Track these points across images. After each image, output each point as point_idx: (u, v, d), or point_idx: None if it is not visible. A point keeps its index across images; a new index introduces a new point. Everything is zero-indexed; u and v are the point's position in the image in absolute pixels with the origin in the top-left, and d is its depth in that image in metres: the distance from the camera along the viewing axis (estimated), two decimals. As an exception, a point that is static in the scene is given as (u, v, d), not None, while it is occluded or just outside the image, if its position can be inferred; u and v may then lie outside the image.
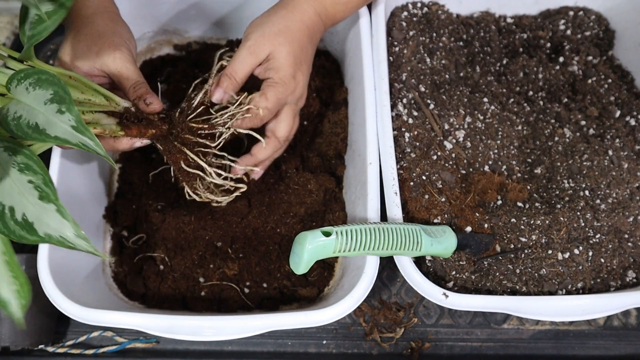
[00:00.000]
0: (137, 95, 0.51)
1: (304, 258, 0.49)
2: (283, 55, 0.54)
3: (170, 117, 0.53)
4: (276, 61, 0.54)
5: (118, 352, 0.64)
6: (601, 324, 0.69)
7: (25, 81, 0.39)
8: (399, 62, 0.70)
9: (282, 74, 0.55)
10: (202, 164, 0.53)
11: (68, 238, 0.38)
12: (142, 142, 0.53)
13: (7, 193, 0.38)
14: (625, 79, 0.77)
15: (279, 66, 0.54)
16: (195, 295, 0.63)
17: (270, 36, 0.54)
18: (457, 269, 0.58)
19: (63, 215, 0.38)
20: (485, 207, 0.62)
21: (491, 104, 0.69)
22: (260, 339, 0.65)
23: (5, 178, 0.39)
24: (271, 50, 0.54)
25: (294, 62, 0.55)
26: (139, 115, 0.52)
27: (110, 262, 0.65)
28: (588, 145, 0.67)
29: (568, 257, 0.59)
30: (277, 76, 0.54)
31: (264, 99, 0.54)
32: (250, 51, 0.54)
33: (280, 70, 0.54)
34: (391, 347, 0.66)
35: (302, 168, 0.69)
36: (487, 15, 0.79)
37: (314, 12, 0.58)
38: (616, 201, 0.63)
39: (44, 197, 0.38)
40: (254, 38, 0.54)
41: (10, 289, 0.38)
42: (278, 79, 0.55)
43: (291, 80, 0.55)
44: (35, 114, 0.38)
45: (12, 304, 0.38)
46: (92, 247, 0.38)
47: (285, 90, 0.55)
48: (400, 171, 0.61)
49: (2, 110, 0.40)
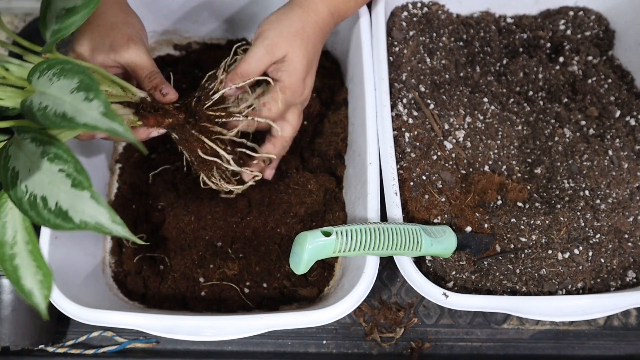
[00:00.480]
0: (153, 85, 0.52)
1: (304, 258, 0.49)
2: (298, 59, 0.55)
3: (186, 106, 0.54)
4: (291, 64, 0.55)
5: (118, 352, 0.64)
6: (601, 324, 0.69)
7: (49, 72, 0.39)
8: (399, 62, 0.70)
9: (294, 79, 0.55)
10: (220, 151, 0.54)
11: (104, 224, 0.38)
12: (158, 132, 0.53)
13: (38, 183, 0.38)
14: (625, 79, 0.77)
15: (292, 70, 0.55)
16: (195, 295, 0.63)
17: (288, 37, 0.54)
18: (457, 269, 0.58)
19: (98, 201, 0.37)
20: (485, 207, 0.62)
21: (491, 104, 0.69)
22: (260, 339, 0.65)
23: (35, 169, 0.39)
24: (287, 52, 0.54)
25: (306, 66, 0.56)
26: (155, 105, 0.52)
27: (110, 262, 0.65)
28: (588, 145, 0.67)
29: (568, 257, 0.59)
30: (289, 80, 0.55)
31: (275, 104, 0.54)
32: (268, 50, 0.54)
33: (293, 74, 0.55)
34: (391, 347, 0.66)
35: (302, 168, 0.69)
36: (487, 15, 0.79)
37: (328, 12, 0.58)
38: (616, 201, 0.63)
39: (77, 185, 0.38)
40: (271, 37, 0.54)
41: (34, 279, 0.38)
42: (289, 84, 0.55)
43: (301, 84, 0.56)
44: (62, 103, 0.38)
45: (36, 295, 0.38)
46: (129, 233, 0.38)
47: (295, 95, 0.56)
48: (400, 171, 0.61)
49: (26, 102, 0.40)
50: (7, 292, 0.59)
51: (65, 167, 0.38)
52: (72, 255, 0.59)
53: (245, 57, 0.54)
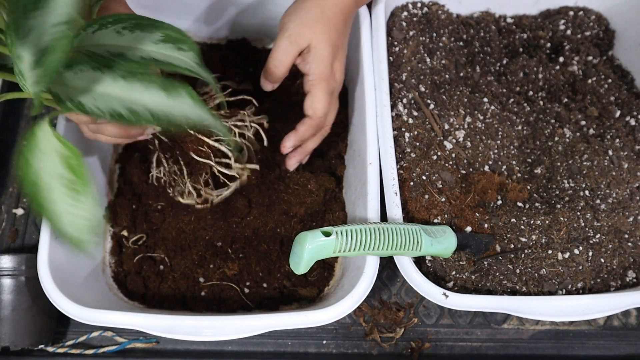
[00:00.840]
0: None
1: (304, 258, 0.49)
2: (323, 46, 0.55)
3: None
4: (317, 53, 0.55)
5: (118, 352, 0.64)
6: (601, 324, 0.69)
7: (115, 25, 0.41)
8: (399, 62, 0.70)
9: (322, 67, 0.55)
10: (223, 149, 0.54)
11: (200, 121, 0.41)
12: (154, 129, 0.53)
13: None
14: (625, 79, 0.77)
15: (320, 58, 0.55)
16: (195, 295, 0.63)
17: (309, 24, 0.54)
18: (457, 269, 0.58)
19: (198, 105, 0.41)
20: (485, 207, 0.62)
21: (491, 104, 0.69)
22: (260, 339, 0.65)
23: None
24: (311, 40, 0.54)
25: (332, 52, 0.55)
26: None
27: (110, 262, 0.65)
28: (588, 145, 0.67)
29: (568, 257, 0.59)
30: (319, 69, 0.55)
31: (317, 100, 0.55)
32: (291, 41, 0.54)
33: (321, 62, 0.55)
34: (391, 347, 0.66)
35: (302, 168, 0.69)
36: (487, 15, 0.79)
37: None
38: (616, 201, 0.63)
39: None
40: (292, 27, 0.54)
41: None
42: (320, 73, 0.55)
43: (330, 69, 0.56)
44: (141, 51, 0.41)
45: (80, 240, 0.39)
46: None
47: (328, 84, 0.56)
48: (400, 171, 0.61)
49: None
50: (7, 292, 0.59)
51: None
52: (72, 255, 0.59)
53: (271, 53, 0.54)
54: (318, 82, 0.55)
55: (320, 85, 0.55)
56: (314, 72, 0.55)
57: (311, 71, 0.55)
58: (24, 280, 0.60)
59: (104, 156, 0.70)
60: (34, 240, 0.69)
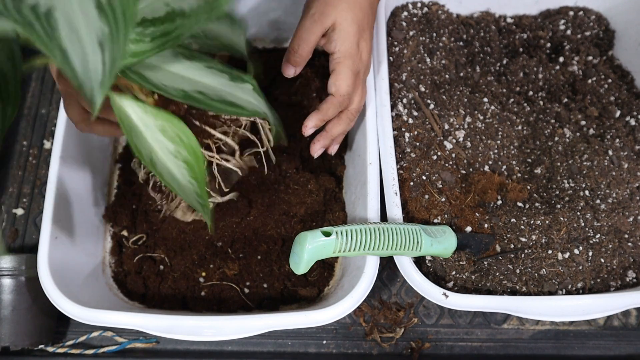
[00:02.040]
0: None
1: (304, 258, 0.49)
2: (347, 23, 0.54)
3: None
4: (341, 30, 0.54)
5: (118, 352, 0.64)
6: (601, 324, 0.69)
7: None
8: (399, 62, 0.70)
9: (347, 44, 0.54)
10: (230, 142, 0.53)
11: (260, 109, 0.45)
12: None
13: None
14: (625, 79, 0.77)
15: (345, 35, 0.54)
16: (195, 295, 0.63)
17: (333, 3, 0.54)
18: (457, 269, 0.58)
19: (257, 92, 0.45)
20: (485, 207, 0.62)
21: (491, 104, 0.69)
22: (260, 339, 0.65)
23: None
24: (335, 18, 0.54)
25: (357, 30, 0.55)
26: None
27: (110, 262, 0.65)
28: (588, 145, 0.67)
29: (568, 257, 0.59)
30: (344, 47, 0.54)
31: (340, 78, 0.54)
32: (314, 19, 0.53)
33: (346, 39, 0.54)
34: (391, 347, 0.66)
35: (302, 168, 0.69)
36: (487, 15, 0.79)
37: None
38: (616, 201, 0.63)
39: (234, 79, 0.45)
40: (315, 6, 0.54)
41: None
42: (345, 50, 0.54)
43: (356, 48, 0.55)
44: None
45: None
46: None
47: (353, 63, 0.55)
48: (400, 171, 0.61)
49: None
50: (7, 292, 0.59)
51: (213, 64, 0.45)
52: (72, 255, 0.59)
53: (295, 32, 0.54)
54: (343, 59, 0.54)
55: (346, 62, 0.54)
56: (339, 49, 0.54)
57: (336, 49, 0.54)
58: (24, 280, 0.60)
59: (104, 156, 0.70)
60: (34, 240, 0.69)
